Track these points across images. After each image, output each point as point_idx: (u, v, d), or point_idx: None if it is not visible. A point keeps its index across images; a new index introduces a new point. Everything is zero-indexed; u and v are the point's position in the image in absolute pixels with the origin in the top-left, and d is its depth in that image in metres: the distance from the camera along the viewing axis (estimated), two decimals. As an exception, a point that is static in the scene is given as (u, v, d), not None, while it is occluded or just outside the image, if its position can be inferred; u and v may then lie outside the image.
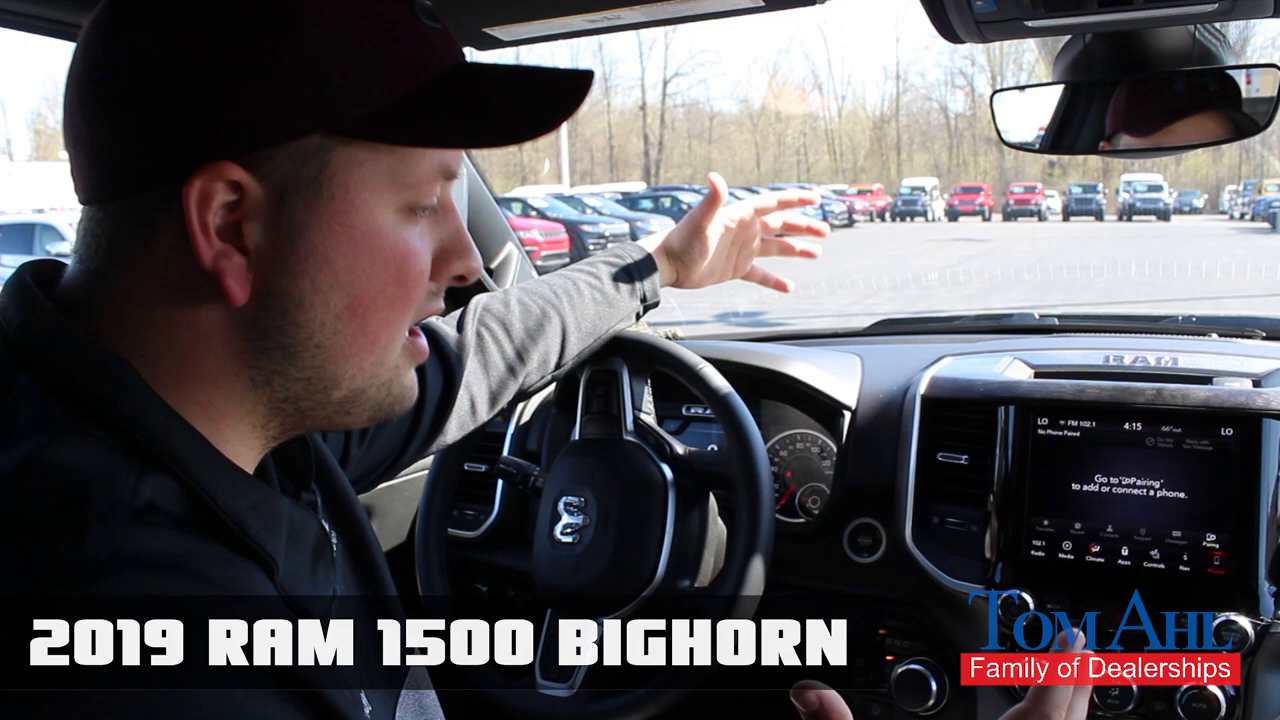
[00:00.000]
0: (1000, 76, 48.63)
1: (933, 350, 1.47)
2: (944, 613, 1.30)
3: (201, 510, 0.54)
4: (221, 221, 0.54)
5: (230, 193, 0.54)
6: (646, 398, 1.32)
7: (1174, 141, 1.17)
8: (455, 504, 1.43)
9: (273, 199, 0.55)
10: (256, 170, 0.54)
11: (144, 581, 0.48)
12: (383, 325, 0.59)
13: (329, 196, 0.55)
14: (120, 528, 0.49)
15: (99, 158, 0.56)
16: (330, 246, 0.56)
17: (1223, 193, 36.77)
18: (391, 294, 0.59)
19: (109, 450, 0.52)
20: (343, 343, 0.58)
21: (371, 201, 0.57)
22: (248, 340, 0.56)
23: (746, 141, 57.59)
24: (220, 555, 0.53)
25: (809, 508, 1.44)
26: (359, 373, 0.59)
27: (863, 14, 72.27)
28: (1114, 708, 1.15)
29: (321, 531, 0.65)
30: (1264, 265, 14.95)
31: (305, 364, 0.58)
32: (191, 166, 0.53)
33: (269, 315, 0.56)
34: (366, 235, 0.57)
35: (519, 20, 1.09)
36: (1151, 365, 1.33)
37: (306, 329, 0.57)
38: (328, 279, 0.56)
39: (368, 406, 0.62)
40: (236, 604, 0.51)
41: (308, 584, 0.61)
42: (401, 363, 0.63)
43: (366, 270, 0.57)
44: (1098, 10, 0.99)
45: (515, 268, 1.69)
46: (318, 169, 0.55)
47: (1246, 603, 1.12)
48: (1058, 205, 33.69)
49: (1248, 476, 1.15)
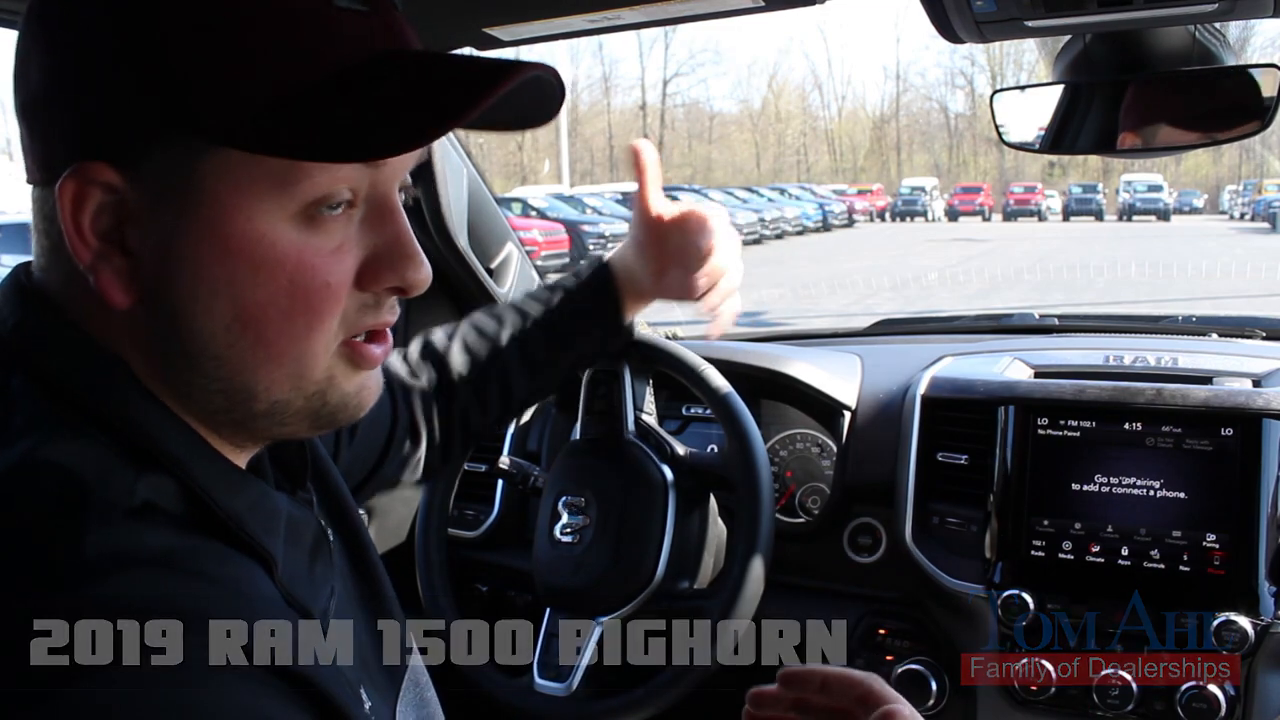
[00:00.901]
0: (1000, 76, 48.65)
1: (933, 350, 1.48)
2: (944, 613, 1.30)
3: (199, 508, 0.54)
4: (107, 223, 0.53)
5: (107, 194, 0.52)
6: (648, 398, 1.32)
7: (1187, 141, 1.16)
8: (455, 504, 1.43)
9: (149, 203, 0.52)
10: (130, 171, 0.52)
11: (143, 581, 0.47)
12: (282, 337, 0.55)
13: (197, 203, 0.52)
14: (118, 527, 0.49)
15: (23, 148, 0.56)
16: (203, 255, 0.53)
17: (1223, 193, 36.80)
18: (287, 306, 0.54)
19: (105, 450, 0.52)
20: (242, 354, 0.55)
21: (250, 208, 0.53)
22: (152, 345, 0.55)
23: (746, 141, 57.61)
24: (219, 553, 0.53)
25: (809, 508, 1.44)
26: (273, 385, 0.56)
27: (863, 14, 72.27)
28: (1114, 708, 1.15)
29: (319, 529, 0.65)
30: (1264, 265, 14.94)
31: (211, 375, 0.55)
32: (62, 166, 0.52)
33: (158, 319, 0.54)
34: (245, 244, 0.53)
35: (519, 20, 1.09)
36: (1151, 365, 1.33)
37: (199, 339, 0.54)
38: (205, 289, 0.53)
39: (302, 416, 0.58)
40: (236, 602, 0.50)
41: (306, 581, 0.60)
42: (338, 371, 0.58)
43: (249, 281, 0.53)
44: (1098, 10, 0.99)
45: (515, 268, 1.69)
46: (187, 174, 0.52)
47: (1246, 603, 1.12)
48: (1058, 205, 33.72)
49: (1248, 476, 1.15)
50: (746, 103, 61.01)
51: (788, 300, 11.90)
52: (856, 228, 31.05)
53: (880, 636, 1.33)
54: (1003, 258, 18.59)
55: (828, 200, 32.16)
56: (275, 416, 0.57)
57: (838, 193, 36.58)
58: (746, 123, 58.61)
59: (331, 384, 0.58)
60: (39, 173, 0.55)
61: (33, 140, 0.55)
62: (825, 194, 34.80)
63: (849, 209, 32.19)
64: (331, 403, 0.59)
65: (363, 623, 0.69)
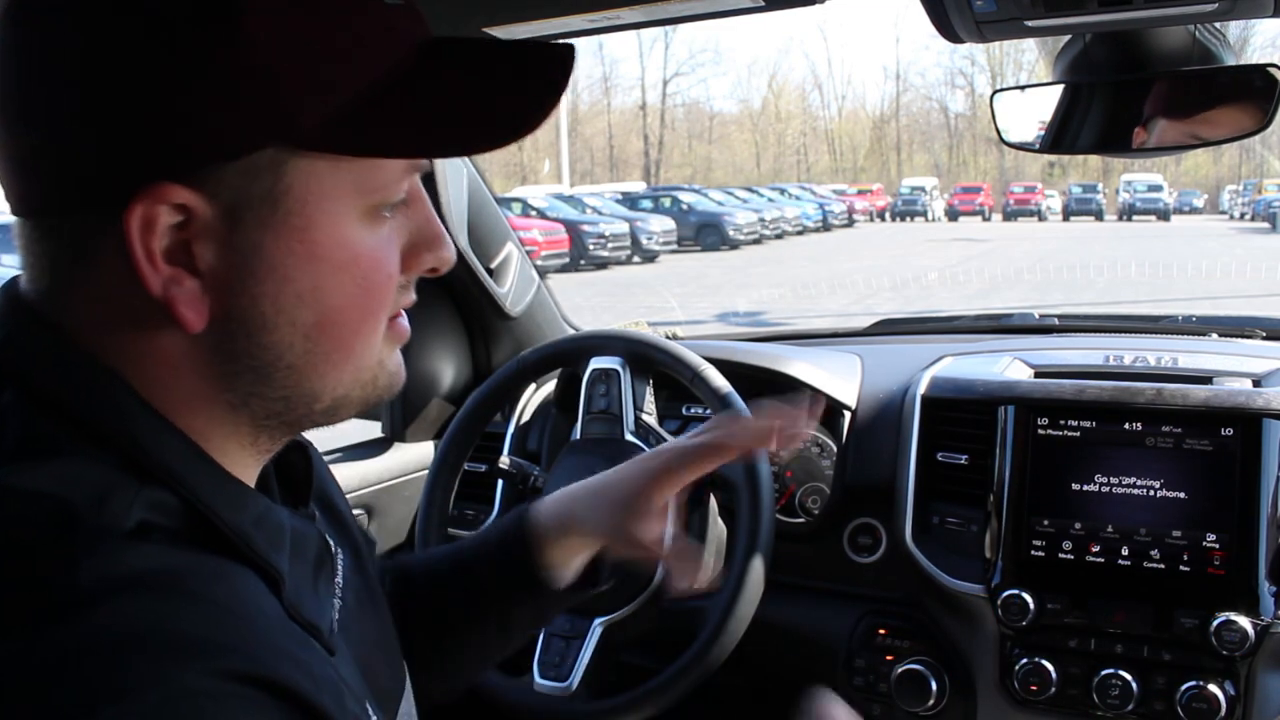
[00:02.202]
0: (1000, 76, 48.71)
1: (933, 350, 1.47)
2: (944, 613, 1.30)
3: (201, 524, 0.51)
4: (170, 243, 0.49)
5: (176, 214, 0.49)
6: (648, 398, 1.32)
7: (1210, 134, 1.16)
8: (455, 504, 1.43)
9: (224, 218, 0.49)
10: (205, 189, 0.49)
11: (142, 603, 0.45)
12: (355, 335, 0.55)
13: (285, 212, 0.50)
14: (114, 549, 0.46)
15: (24, 169, 0.50)
16: (290, 264, 0.51)
17: (1223, 193, 36.80)
18: (362, 303, 0.54)
19: (102, 467, 0.49)
20: (316, 360, 0.54)
21: (333, 212, 0.52)
22: (216, 365, 0.53)
23: (746, 141, 57.64)
24: (220, 570, 0.50)
25: (809, 508, 1.44)
26: (339, 384, 0.56)
27: (863, 14, 72.28)
28: (1114, 708, 1.15)
29: (323, 543, 0.62)
30: (1264, 265, 14.95)
31: (280, 384, 0.54)
32: (130, 190, 0.47)
33: (234, 339, 0.52)
34: (329, 248, 0.52)
35: (519, 20, 1.09)
36: (1151, 365, 1.33)
37: (275, 350, 0.53)
38: (291, 299, 0.52)
39: (356, 405, 0.58)
40: (239, 623, 0.48)
41: (312, 597, 0.58)
42: (384, 353, 0.59)
43: (332, 285, 0.53)
44: (1098, 10, 0.98)
45: (515, 268, 1.69)
46: (271, 183, 0.50)
47: (1246, 603, 1.12)
48: (1058, 205, 33.74)
49: (1248, 476, 1.15)
50: (746, 103, 61.09)
51: (788, 300, 11.91)
52: (856, 228, 31.08)
53: (880, 636, 1.33)
54: (1003, 258, 18.60)
55: (828, 200, 32.17)
56: (333, 412, 0.57)
57: (838, 193, 36.60)
58: (746, 123, 58.63)
59: (381, 367, 0.59)
60: (70, 195, 0.49)
61: (51, 160, 0.49)
62: (825, 194, 34.84)
63: (849, 209, 32.22)
64: (380, 384, 0.59)
65: (371, 639, 0.68)
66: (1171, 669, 1.14)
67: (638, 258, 19.33)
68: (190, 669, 0.43)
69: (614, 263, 18.53)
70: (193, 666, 0.43)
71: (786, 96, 59.98)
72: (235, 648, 0.46)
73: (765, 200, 28.84)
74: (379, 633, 0.71)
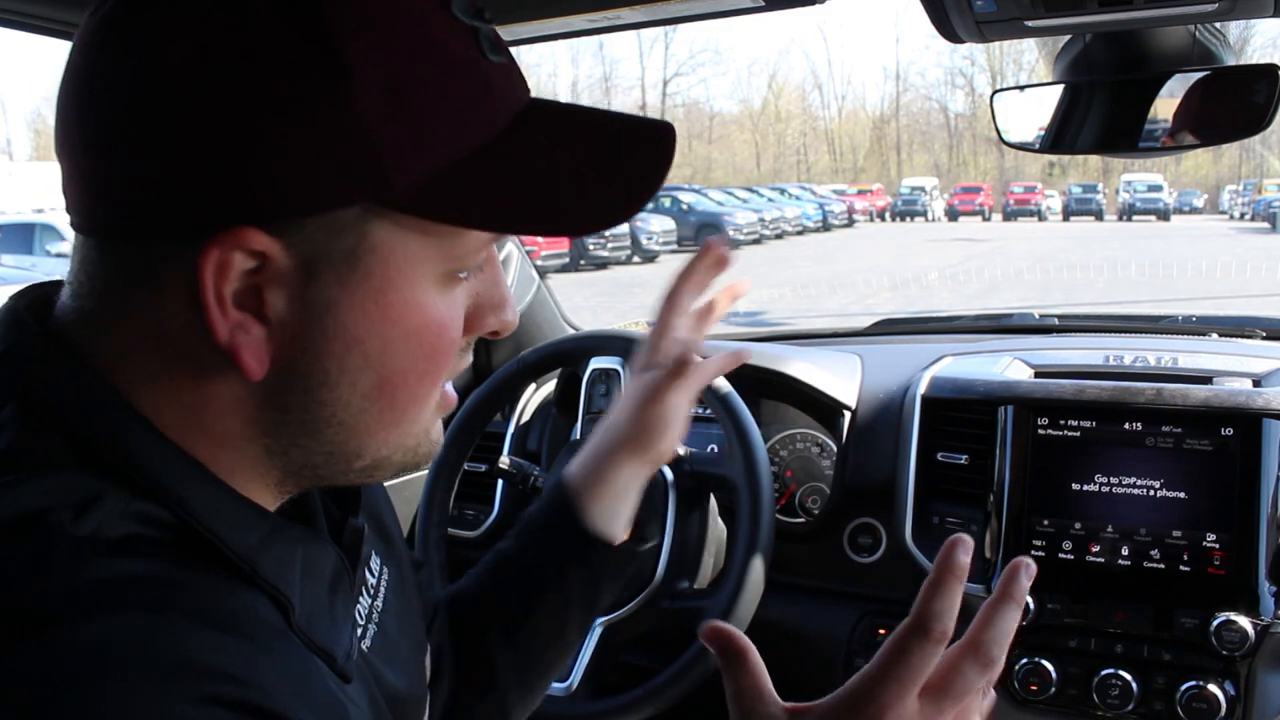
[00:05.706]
0: (1000, 76, 48.74)
1: (933, 350, 1.48)
2: (944, 613, 1.30)
3: (197, 542, 0.49)
4: (240, 287, 0.47)
5: (252, 260, 0.47)
6: (647, 398, 1.32)
7: (1210, 134, 1.16)
8: (455, 504, 1.43)
9: (301, 270, 0.48)
10: (285, 237, 0.47)
11: (121, 619, 0.42)
12: (411, 400, 0.53)
13: (365, 273, 0.49)
14: (95, 558, 0.44)
15: (95, 189, 0.48)
16: (363, 326, 0.49)
17: (1223, 193, 36.82)
18: (423, 369, 0.53)
19: (91, 480, 0.47)
20: (369, 420, 0.52)
21: (413, 275, 0.50)
22: (264, 412, 0.51)
23: (746, 141, 57.68)
24: (216, 589, 0.48)
25: (809, 507, 1.44)
26: (384, 445, 0.54)
27: (863, 14, 72.36)
28: (1114, 708, 1.15)
29: (337, 559, 0.57)
30: (1264, 265, 14.96)
31: (327, 439, 0.52)
32: (210, 230, 0.46)
33: (290, 392, 0.50)
34: (403, 312, 0.50)
35: (519, 20, 1.09)
36: (1151, 365, 1.33)
37: (330, 407, 0.51)
38: (357, 360, 0.50)
39: (392, 468, 0.56)
40: (231, 643, 0.45)
41: (326, 619, 0.54)
42: (430, 423, 0.57)
43: (400, 349, 0.51)
44: (1098, 10, 0.98)
45: (515, 267, 1.69)
46: (355, 241, 0.48)
47: (1246, 603, 1.12)
48: (1058, 205, 33.77)
49: (1248, 476, 1.15)
50: (746, 103, 61.13)
51: (788, 300, 11.90)
52: (856, 228, 31.08)
53: (880, 636, 1.33)
54: (1003, 258, 18.61)
55: (828, 200, 32.19)
56: (370, 471, 0.55)
57: (838, 193, 36.64)
58: (746, 123, 58.67)
59: (425, 435, 0.57)
60: (145, 222, 0.47)
61: (129, 185, 0.47)
62: (825, 194, 34.87)
63: (849, 209, 32.23)
64: (421, 452, 0.57)
65: (408, 655, 0.67)
66: (1171, 669, 1.14)
67: (638, 258, 19.33)
68: (169, 691, 0.41)
69: (614, 263, 18.53)
70: (172, 689, 0.41)
71: (786, 97, 60.05)
72: (222, 670, 0.43)
73: (765, 200, 28.85)
74: (419, 650, 0.70)
